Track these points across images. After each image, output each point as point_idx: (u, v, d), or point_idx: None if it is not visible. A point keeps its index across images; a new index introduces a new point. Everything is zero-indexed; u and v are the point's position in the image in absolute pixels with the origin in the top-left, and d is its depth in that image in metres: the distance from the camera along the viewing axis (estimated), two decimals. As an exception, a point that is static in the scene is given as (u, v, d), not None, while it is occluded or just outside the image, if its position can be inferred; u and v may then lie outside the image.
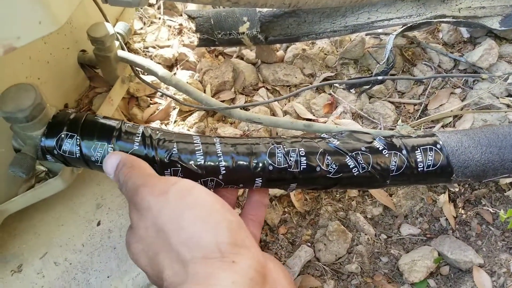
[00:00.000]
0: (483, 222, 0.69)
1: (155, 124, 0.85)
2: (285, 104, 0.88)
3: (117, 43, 0.66)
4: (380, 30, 0.96)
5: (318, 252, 0.67)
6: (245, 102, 0.90)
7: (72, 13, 0.41)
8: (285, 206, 0.72)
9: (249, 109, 0.87)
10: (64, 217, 0.63)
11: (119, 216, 0.63)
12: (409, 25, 0.83)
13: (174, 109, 0.88)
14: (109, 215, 0.63)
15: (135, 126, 0.53)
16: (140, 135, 0.51)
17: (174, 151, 0.51)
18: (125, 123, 0.53)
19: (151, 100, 0.90)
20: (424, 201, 0.71)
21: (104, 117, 0.54)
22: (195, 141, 0.53)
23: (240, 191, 0.74)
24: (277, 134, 0.82)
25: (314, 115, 0.85)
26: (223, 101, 0.91)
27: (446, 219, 0.69)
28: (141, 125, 0.54)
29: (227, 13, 0.85)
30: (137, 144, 0.50)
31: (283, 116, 0.86)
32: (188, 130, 0.84)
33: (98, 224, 0.62)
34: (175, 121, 0.87)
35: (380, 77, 0.70)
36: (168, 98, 0.89)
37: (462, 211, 0.70)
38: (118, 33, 0.69)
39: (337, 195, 0.73)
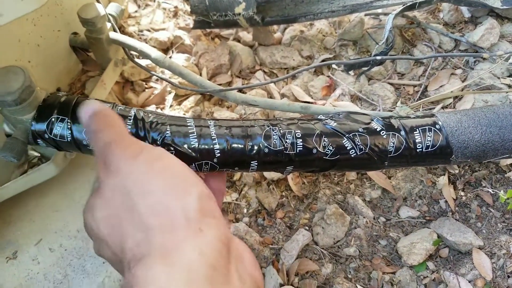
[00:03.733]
0: (483, 204, 0.68)
1: (151, 109, 0.84)
2: (283, 87, 0.87)
3: (109, 24, 0.64)
4: (379, 10, 0.94)
5: (316, 236, 0.67)
6: (242, 85, 0.89)
7: None
8: (282, 190, 0.71)
9: (246, 92, 0.86)
10: (59, 203, 0.63)
11: (114, 201, 0.62)
12: (408, 4, 0.81)
13: (169, 93, 0.87)
14: (104, 200, 0.63)
15: (127, 109, 0.52)
16: (132, 118, 0.50)
17: (167, 134, 0.50)
18: (117, 106, 0.52)
19: (146, 84, 0.88)
20: (424, 184, 0.70)
21: (96, 100, 0.53)
22: (188, 124, 0.52)
23: (237, 175, 0.74)
24: (274, 117, 0.81)
25: (312, 97, 0.84)
26: (219, 85, 0.89)
27: (446, 201, 0.68)
28: (133, 108, 0.52)
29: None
30: (129, 127, 0.49)
31: (281, 98, 0.85)
32: (184, 114, 0.83)
33: (93, 209, 0.62)
34: (170, 106, 0.85)
35: (378, 57, 0.69)
36: (163, 82, 0.88)
37: (462, 193, 0.69)
38: (110, 14, 0.67)
39: (335, 178, 0.72)
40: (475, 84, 0.79)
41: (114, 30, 0.66)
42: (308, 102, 0.83)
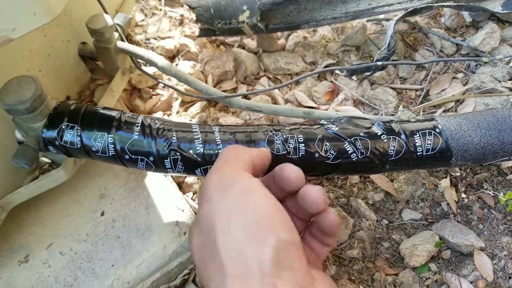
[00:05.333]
0: (485, 206, 0.69)
1: (158, 115, 0.85)
2: (287, 93, 0.88)
3: (116, 34, 0.67)
4: (381, 16, 0.95)
5: (320, 238, 0.68)
6: (247, 91, 0.90)
7: (66, 4, 0.41)
8: (287, 194, 0.72)
9: (251, 98, 0.88)
10: (69, 208, 0.64)
11: (122, 206, 0.64)
12: (410, 10, 0.82)
13: (176, 100, 0.89)
14: (112, 205, 0.64)
15: (134, 116, 0.53)
16: (140, 124, 0.52)
17: (173, 140, 0.51)
18: (124, 113, 0.54)
19: (153, 91, 0.90)
20: (426, 186, 0.71)
21: (104, 108, 0.54)
22: (194, 130, 0.53)
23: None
24: (278, 122, 0.82)
25: (315, 102, 0.85)
26: (224, 91, 0.91)
27: (448, 204, 0.69)
28: (140, 115, 0.54)
29: (226, 2, 0.85)
30: (137, 133, 0.51)
31: (285, 104, 0.86)
32: (190, 120, 0.84)
33: (102, 214, 0.63)
34: (177, 112, 0.87)
35: (379, 63, 0.70)
36: (170, 89, 0.90)
37: (464, 195, 0.70)
38: (117, 24, 0.69)
39: (339, 182, 0.73)
40: (477, 88, 0.80)
41: (122, 40, 0.68)
42: (312, 107, 0.84)
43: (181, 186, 0.73)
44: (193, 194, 0.73)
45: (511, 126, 0.56)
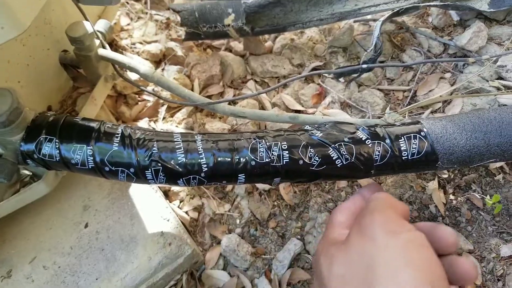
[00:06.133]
0: (473, 207, 0.68)
1: (144, 121, 0.84)
2: (274, 96, 0.87)
3: (98, 41, 0.65)
4: (369, 17, 0.94)
5: (308, 245, 0.67)
6: (234, 95, 0.89)
7: (46, 13, 0.40)
8: (274, 200, 0.71)
9: (237, 102, 0.87)
10: (53, 221, 0.63)
11: (106, 217, 0.63)
12: (396, 10, 0.81)
13: (162, 105, 0.88)
14: (96, 217, 0.63)
15: (114, 126, 0.52)
16: (120, 135, 0.51)
17: (154, 150, 0.50)
18: (104, 124, 0.53)
19: (139, 97, 0.89)
20: (413, 189, 0.71)
21: (84, 119, 0.53)
22: (175, 139, 0.52)
23: (230, 186, 0.74)
24: (265, 127, 0.81)
25: (303, 106, 0.85)
26: (211, 95, 0.90)
27: (436, 206, 0.68)
28: (121, 125, 0.53)
29: (211, 5, 0.84)
30: (116, 144, 0.50)
31: (272, 108, 0.85)
32: (177, 126, 0.83)
33: (86, 226, 0.62)
34: (163, 118, 0.86)
35: (364, 66, 0.69)
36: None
37: (452, 197, 0.69)
38: (98, 31, 0.68)
39: (326, 186, 0.73)
40: (464, 88, 0.79)
41: (103, 47, 0.67)
42: (299, 111, 0.83)
43: (167, 194, 0.72)
44: (180, 202, 0.72)
45: (497, 128, 0.55)
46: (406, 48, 0.89)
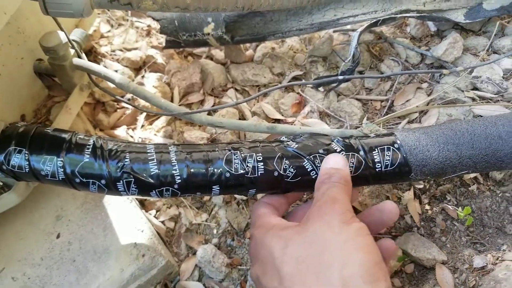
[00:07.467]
0: (448, 218, 0.69)
1: (122, 129, 0.84)
2: (254, 105, 0.87)
3: (72, 51, 0.65)
4: (348, 26, 0.95)
5: (285, 255, 0.67)
6: (214, 103, 0.89)
7: (19, 22, 0.39)
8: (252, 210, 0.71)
9: (217, 111, 0.87)
10: (24, 231, 0.62)
11: (79, 227, 0.62)
12: (374, 21, 0.82)
13: (141, 113, 0.87)
14: (69, 227, 0.62)
15: (86, 138, 0.52)
16: (91, 146, 0.50)
17: (126, 161, 0.50)
18: (76, 135, 0.52)
19: (117, 104, 0.88)
20: (390, 199, 0.71)
21: (55, 129, 0.53)
22: (148, 150, 0.52)
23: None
24: (245, 136, 0.81)
25: (282, 115, 0.85)
26: (191, 103, 0.90)
27: (411, 217, 0.69)
28: (93, 136, 0.53)
29: (191, 14, 0.84)
30: (87, 156, 0.50)
31: (252, 116, 0.85)
32: (155, 134, 0.83)
33: (58, 236, 0.61)
34: (142, 126, 0.85)
35: (341, 77, 0.70)
36: (135, 102, 0.88)
37: (428, 207, 0.70)
38: (74, 40, 0.68)
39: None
40: (440, 98, 0.80)
41: (78, 56, 0.66)
42: (278, 120, 0.83)
43: (143, 204, 0.71)
44: (156, 212, 0.71)
45: (469, 140, 0.56)
46: (384, 58, 0.90)
